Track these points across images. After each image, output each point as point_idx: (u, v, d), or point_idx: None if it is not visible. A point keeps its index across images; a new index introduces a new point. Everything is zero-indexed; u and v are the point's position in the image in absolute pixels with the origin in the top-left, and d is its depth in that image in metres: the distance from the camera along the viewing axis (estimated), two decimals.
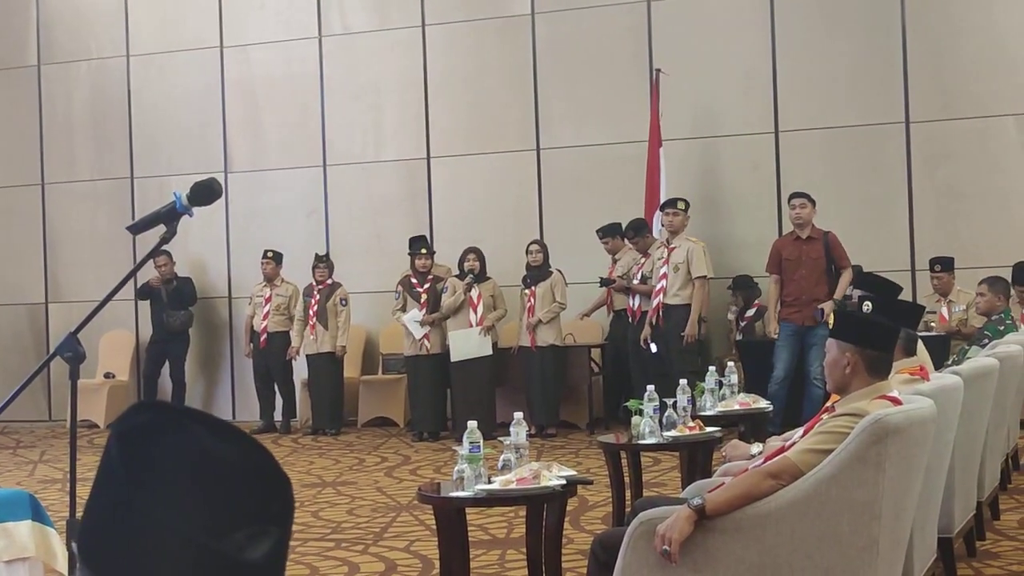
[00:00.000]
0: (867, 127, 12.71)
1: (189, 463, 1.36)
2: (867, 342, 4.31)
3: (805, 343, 11.17)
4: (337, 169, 14.66)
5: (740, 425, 8.78)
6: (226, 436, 1.38)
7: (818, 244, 11.31)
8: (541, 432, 12.24)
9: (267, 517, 1.37)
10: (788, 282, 11.35)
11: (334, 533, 8.14)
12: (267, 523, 1.36)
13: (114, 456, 1.36)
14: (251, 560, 1.34)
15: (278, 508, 1.38)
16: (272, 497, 1.39)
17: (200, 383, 15.02)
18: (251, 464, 1.38)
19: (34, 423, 15.16)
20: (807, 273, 11.26)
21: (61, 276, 15.72)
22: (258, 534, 1.35)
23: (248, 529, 1.35)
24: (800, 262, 11.30)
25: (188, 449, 1.36)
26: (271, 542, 1.36)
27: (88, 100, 15.71)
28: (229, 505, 1.35)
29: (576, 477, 5.71)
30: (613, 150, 13.43)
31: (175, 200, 3.63)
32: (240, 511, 1.35)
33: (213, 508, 1.34)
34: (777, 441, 5.15)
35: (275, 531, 1.37)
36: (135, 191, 15.36)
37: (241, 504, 1.36)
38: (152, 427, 1.38)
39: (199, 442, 1.37)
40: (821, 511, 3.96)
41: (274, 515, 1.38)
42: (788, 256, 11.38)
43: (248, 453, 1.38)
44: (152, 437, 1.37)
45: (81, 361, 3.57)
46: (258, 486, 1.38)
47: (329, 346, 13.31)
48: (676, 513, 4.05)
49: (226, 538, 1.33)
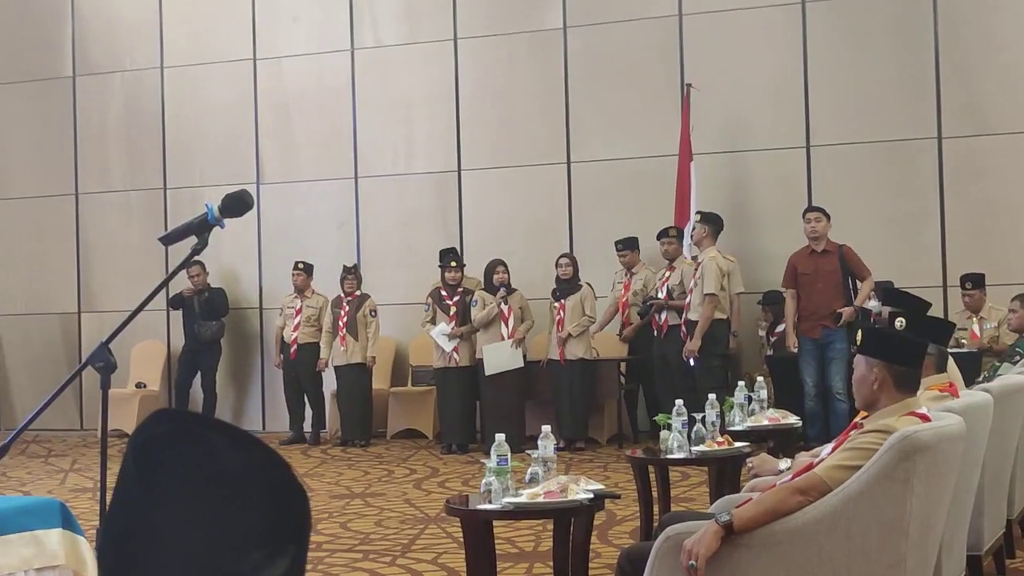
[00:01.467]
0: (899, 142, 12.67)
1: (205, 477, 1.34)
2: (895, 358, 4.29)
3: (825, 357, 11.15)
4: (368, 181, 14.70)
5: (769, 441, 8.74)
6: (245, 448, 1.37)
7: (833, 257, 11.30)
8: (569, 446, 12.23)
9: (284, 534, 1.35)
10: (805, 296, 11.35)
11: (362, 545, 8.14)
12: (284, 541, 1.35)
13: (130, 469, 1.35)
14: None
15: (295, 525, 1.37)
16: (290, 514, 1.37)
17: (231, 393, 15.07)
18: (270, 480, 1.37)
19: (65, 432, 15.23)
20: (824, 287, 11.25)
21: (94, 286, 15.80)
22: (275, 553, 1.33)
23: (265, 548, 1.33)
24: (816, 276, 11.29)
25: (205, 463, 1.35)
26: (287, 561, 1.34)
27: (122, 111, 15.81)
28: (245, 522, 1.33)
29: (604, 491, 5.70)
30: (643, 164, 13.42)
31: (207, 212, 3.64)
32: (257, 529, 1.34)
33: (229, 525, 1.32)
34: (805, 457, 5.13)
35: (292, 549, 1.35)
36: (168, 202, 15.43)
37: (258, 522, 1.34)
38: (170, 438, 1.37)
39: (217, 455, 1.36)
40: (849, 528, 3.94)
41: (291, 532, 1.36)
42: (804, 270, 11.38)
43: (266, 467, 1.37)
44: (169, 449, 1.36)
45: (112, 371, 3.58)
46: (275, 502, 1.36)
47: (359, 357, 13.33)
48: (703, 528, 4.04)
49: (242, 557, 1.32)
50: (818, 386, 11.19)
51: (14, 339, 16.16)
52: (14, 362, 16.16)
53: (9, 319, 16.18)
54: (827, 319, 11.18)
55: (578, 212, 13.81)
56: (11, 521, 4.60)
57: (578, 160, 13.83)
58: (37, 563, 4.64)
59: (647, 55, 13.60)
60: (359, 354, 13.34)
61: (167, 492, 1.33)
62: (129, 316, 3.72)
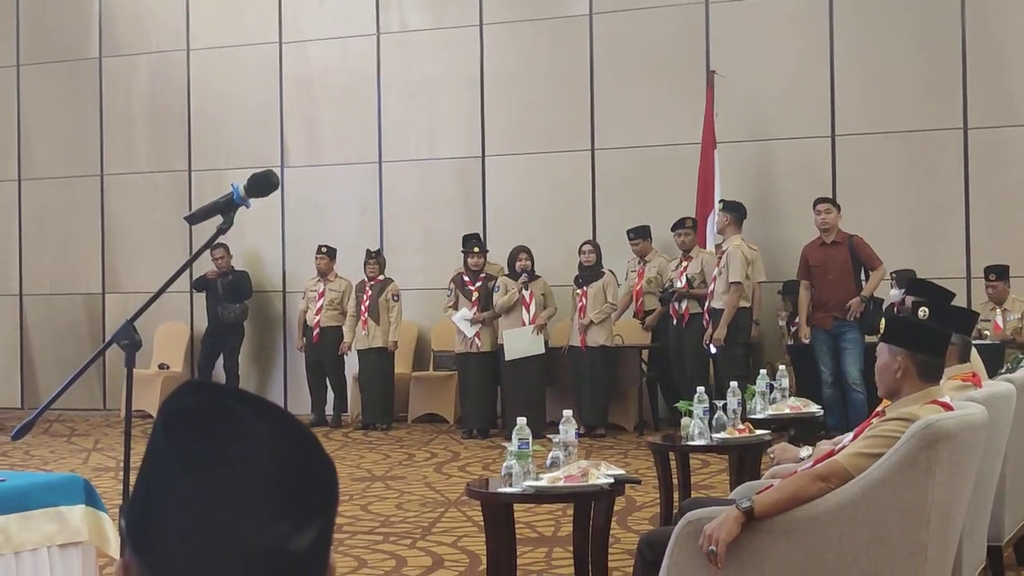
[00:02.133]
0: (924, 132, 12.62)
1: (235, 449, 1.35)
2: (918, 346, 4.28)
3: (839, 348, 11.17)
4: (392, 166, 14.71)
5: (790, 429, 8.74)
6: (273, 420, 1.38)
7: (843, 248, 11.28)
8: (590, 432, 12.23)
9: (312, 506, 1.36)
10: (817, 288, 11.37)
11: (382, 527, 8.17)
12: (312, 512, 1.35)
13: (160, 440, 1.36)
14: (296, 550, 1.34)
15: (322, 496, 1.37)
16: (317, 485, 1.37)
17: (253, 376, 15.11)
18: (297, 450, 1.37)
19: (88, 412, 15.30)
20: (834, 278, 11.25)
21: (118, 267, 15.86)
22: (303, 524, 1.34)
23: (293, 519, 1.34)
24: (827, 267, 11.29)
25: (234, 434, 1.36)
26: (315, 531, 1.35)
27: (148, 93, 15.85)
28: (274, 493, 1.34)
29: (624, 476, 5.70)
30: (667, 151, 13.39)
31: (232, 191, 3.65)
32: (285, 500, 1.34)
33: (258, 496, 1.33)
34: (827, 444, 5.12)
35: (319, 520, 1.36)
36: (192, 184, 15.47)
37: (286, 492, 1.35)
38: (199, 410, 1.37)
39: (246, 427, 1.36)
40: (870, 515, 3.94)
41: (319, 504, 1.37)
42: (815, 262, 11.39)
43: (294, 438, 1.38)
44: (198, 421, 1.37)
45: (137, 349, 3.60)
46: (303, 474, 1.37)
47: (381, 341, 13.35)
48: (724, 514, 4.04)
49: (271, 528, 1.32)
50: (835, 375, 11.21)
51: (39, 319, 16.23)
52: (39, 342, 16.24)
53: (34, 299, 16.26)
54: (838, 310, 11.18)
55: (601, 199, 13.80)
56: (35, 497, 4.63)
57: (602, 147, 13.81)
58: (60, 539, 4.66)
59: (672, 42, 13.57)
60: (380, 338, 13.36)
61: (195, 462, 1.34)
62: (155, 294, 3.73)
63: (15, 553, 4.51)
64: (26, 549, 4.54)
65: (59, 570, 4.65)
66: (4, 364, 15.38)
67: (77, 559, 4.77)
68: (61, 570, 4.67)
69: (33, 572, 4.56)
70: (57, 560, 4.66)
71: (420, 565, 7.03)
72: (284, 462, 1.36)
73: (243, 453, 1.35)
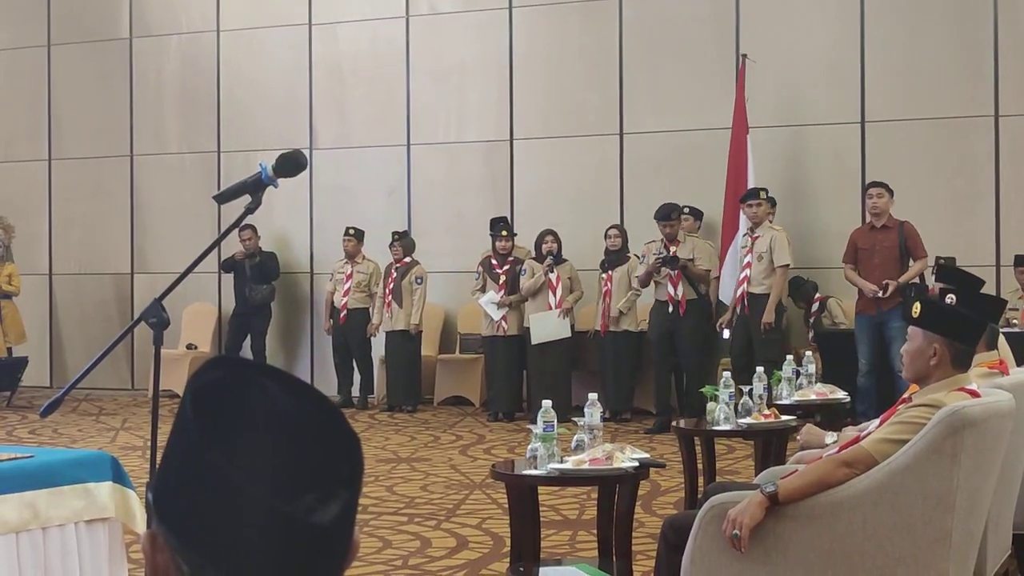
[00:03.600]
0: (955, 119, 12.55)
1: (262, 422, 1.37)
2: (956, 335, 4.27)
3: (885, 335, 11.02)
4: (420, 148, 14.72)
5: (816, 415, 8.72)
6: (299, 393, 1.39)
7: (893, 233, 11.17)
8: (615, 417, 12.24)
9: (337, 479, 1.37)
10: (862, 271, 11.24)
11: (407, 508, 8.20)
12: (336, 485, 1.37)
13: (188, 412, 1.37)
14: (320, 523, 1.35)
15: (348, 470, 1.39)
16: (342, 459, 1.39)
17: (280, 357, 15.15)
18: (322, 424, 1.39)
19: (116, 391, 15.39)
20: (880, 262, 11.12)
21: (147, 247, 15.93)
22: (327, 497, 1.35)
23: (318, 492, 1.35)
24: (873, 251, 11.17)
25: (261, 407, 1.37)
26: (340, 505, 1.36)
27: (178, 74, 15.89)
28: (300, 466, 1.35)
29: (649, 460, 5.71)
30: (696, 136, 13.36)
31: (261, 171, 3.67)
32: (310, 472, 1.36)
33: (284, 468, 1.35)
34: (852, 431, 5.12)
35: (344, 494, 1.37)
36: (221, 165, 15.51)
37: (311, 465, 1.36)
38: (226, 383, 1.39)
39: (272, 400, 1.38)
40: (894, 501, 3.93)
41: (344, 477, 1.38)
42: (863, 246, 11.28)
43: (320, 412, 1.39)
44: (226, 394, 1.38)
45: (165, 327, 3.63)
46: (329, 447, 1.38)
47: (403, 324, 13.38)
48: (748, 498, 4.05)
49: (296, 500, 1.33)
50: (873, 364, 11.06)
51: (68, 299, 16.32)
52: (68, 322, 16.33)
53: (63, 279, 16.34)
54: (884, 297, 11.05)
55: (629, 184, 13.77)
56: (64, 473, 4.66)
57: (631, 131, 13.78)
58: (87, 515, 4.70)
59: (702, 26, 13.52)
60: (402, 321, 13.38)
61: (223, 435, 1.36)
62: (183, 273, 3.76)
63: (43, 528, 4.54)
64: (53, 524, 4.57)
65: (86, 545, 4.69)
66: (34, 344, 15.46)
67: (104, 535, 4.80)
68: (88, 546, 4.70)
69: (60, 547, 4.59)
70: (84, 536, 4.69)
71: (444, 547, 7.06)
72: (310, 435, 1.37)
73: (269, 425, 1.37)
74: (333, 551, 1.38)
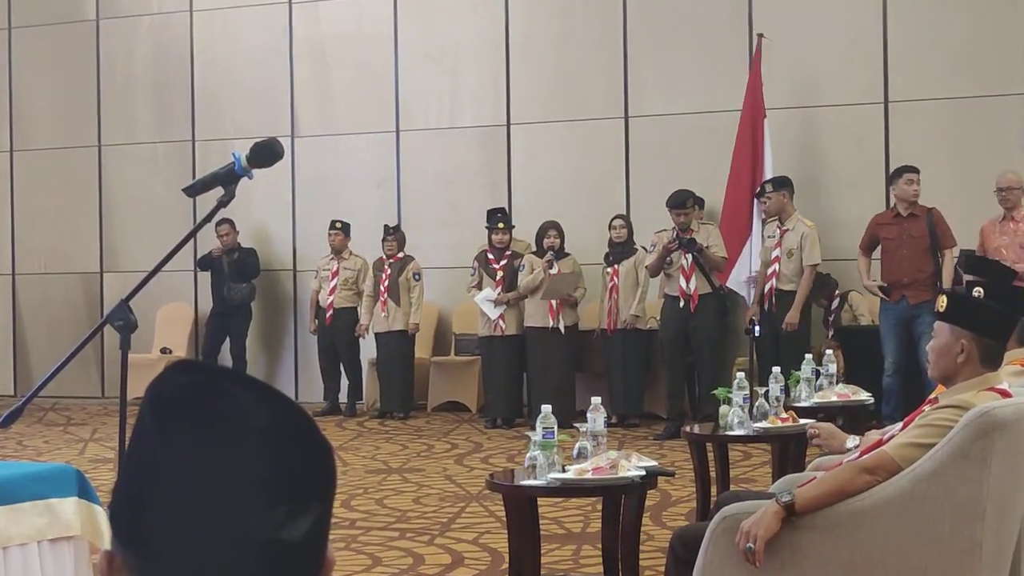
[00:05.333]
0: (983, 99, 12.54)
1: (226, 431, 1.36)
2: (986, 330, 4.26)
3: (914, 331, 10.98)
4: (410, 135, 14.72)
5: (838, 418, 8.70)
6: (267, 400, 1.39)
7: (921, 222, 11.13)
8: (623, 422, 12.24)
9: (308, 492, 1.37)
10: (887, 263, 11.20)
11: (399, 523, 8.20)
12: (308, 498, 1.36)
13: (147, 422, 1.37)
14: (291, 539, 1.35)
15: (319, 482, 1.38)
16: (314, 470, 1.38)
17: (262, 360, 15.16)
18: (293, 432, 1.38)
19: (85, 400, 15.38)
20: (909, 253, 11.08)
21: (117, 244, 15.92)
22: (299, 511, 1.35)
23: (288, 505, 1.35)
24: (901, 241, 11.13)
25: (226, 416, 1.37)
26: (312, 519, 1.36)
27: (149, 58, 15.88)
28: (269, 478, 1.35)
29: (657, 468, 5.71)
30: (707, 119, 13.34)
31: (234, 161, 3.67)
32: (280, 485, 1.35)
33: (252, 481, 1.34)
34: (875, 434, 5.11)
35: (316, 507, 1.37)
36: (196, 155, 15.51)
37: (281, 477, 1.36)
38: (188, 391, 1.39)
39: (238, 407, 1.37)
40: (920, 510, 3.93)
41: (315, 489, 1.38)
42: (888, 235, 11.22)
43: (290, 420, 1.39)
44: (188, 402, 1.38)
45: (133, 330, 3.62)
46: (300, 457, 1.38)
47: (401, 324, 13.37)
48: (763, 508, 4.05)
49: (265, 514, 1.33)
50: (899, 363, 11.03)
51: (33, 300, 16.31)
52: (33, 325, 16.32)
53: (28, 279, 16.34)
54: (911, 289, 11.02)
55: (636, 171, 13.77)
56: (24, 488, 4.66)
57: (636, 115, 13.77)
58: (51, 533, 4.69)
59: (713, 2, 13.51)
60: (401, 320, 13.38)
61: (186, 446, 1.35)
62: (152, 271, 3.76)
63: (2, 548, 4.54)
64: (14, 544, 4.57)
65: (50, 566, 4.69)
66: None
67: (69, 554, 4.79)
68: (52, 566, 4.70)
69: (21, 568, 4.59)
70: (48, 555, 4.69)
71: (438, 563, 7.06)
72: (278, 445, 1.37)
73: (235, 435, 1.36)
74: (305, 568, 1.37)
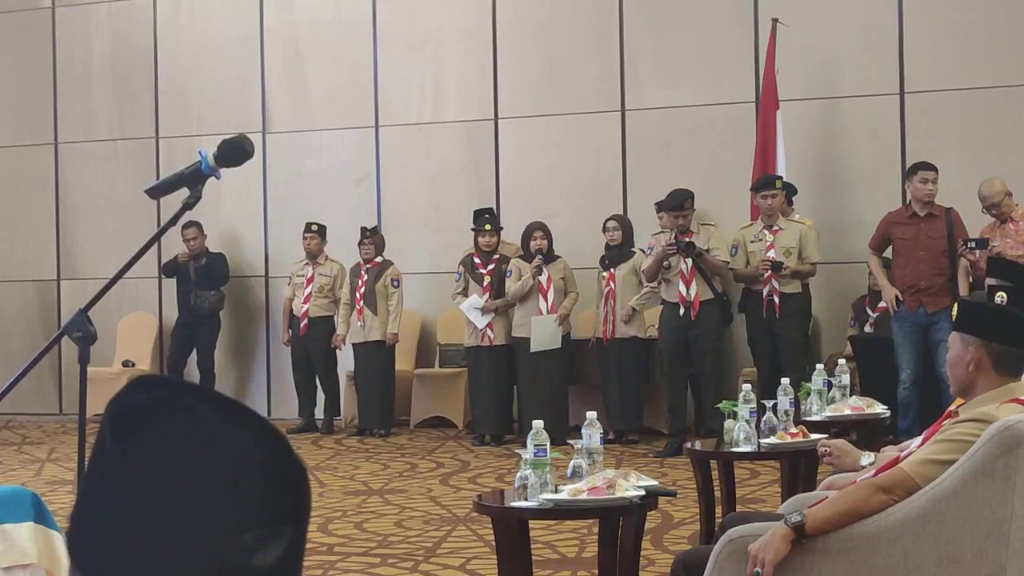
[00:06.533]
0: (1006, 89, 12.56)
1: (193, 452, 1.36)
2: (995, 335, 4.27)
3: (930, 339, 11.00)
4: (391, 131, 14.71)
5: (852, 433, 8.72)
6: (236, 419, 1.39)
7: (940, 223, 11.12)
8: (621, 438, 12.24)
9: (280, 516, 1.37)
10: (904, 267, 11.20)
11: (380, 548, 8.20)
12: (279, 523, 1.37)
13: (107, 442, 1.37)
14: (262, 566, 1.35)
15: (292, 505, 1.39)
16: (286, 492, 1.39)
17: (232, 374, 15.15)
18: (263, 453, 1.39)
19: (42, 417, 15.36)
20: (926, 256, 11.09)
21: (75, 249, 15.90)
22: (269, 536, 1.36)
23: (258, 530, 1.35)
24: (917, 243, 11.14)
25: (192, 435, 1.37)
26: (284, 545, 1.36)
27: (108, 48, 15.86)
28: (237, 501, 1.35)
29: (657, 488, 5.72)
30: (710, 112, 13.36)
31: (200, 160, 3.67)
32: (249, 508, 1.36)
33: (219, 505, 1.35)
34: (892, 450, 5.13)
35: (288, 532, 1.37)
36: (160, 153, 15.50)
37: (251, 500, 1.36)
38: (152, 409, 1.39)
39: (205, 427, 1.38)
40: (940, 532, 3.94)
41: (288, 513, 1.38)
42: (903, 235, 11.22)
43: (260, 440, 1.39)
44: (151, 420, 1.38)
45: (92, 342, 3.62)
46: (270, 479, 1.38)
47: (379, 333, 13.36)
48: (771, 531, 4.05)
49: (233, 540, 1.33)
50: (916, 373, 11.04)
51: None
52: None
53: None
54: (929, 295, 11.02)
55: (633, 167, 13.77)
56: None
57: (634, 108, 13.78)
58: (5, 561, 4.69)
59: None
60: (378, 330, 13.37)
61: (149, 468, 1.35)
62: (112, 279, 3.75)
63: None
64: None
65: None
66: None
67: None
68: None
69: None
70: None
71: None
72: (248, 466, 1.37)
73: (202, 456, 1.36)
74: None
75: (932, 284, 11.03)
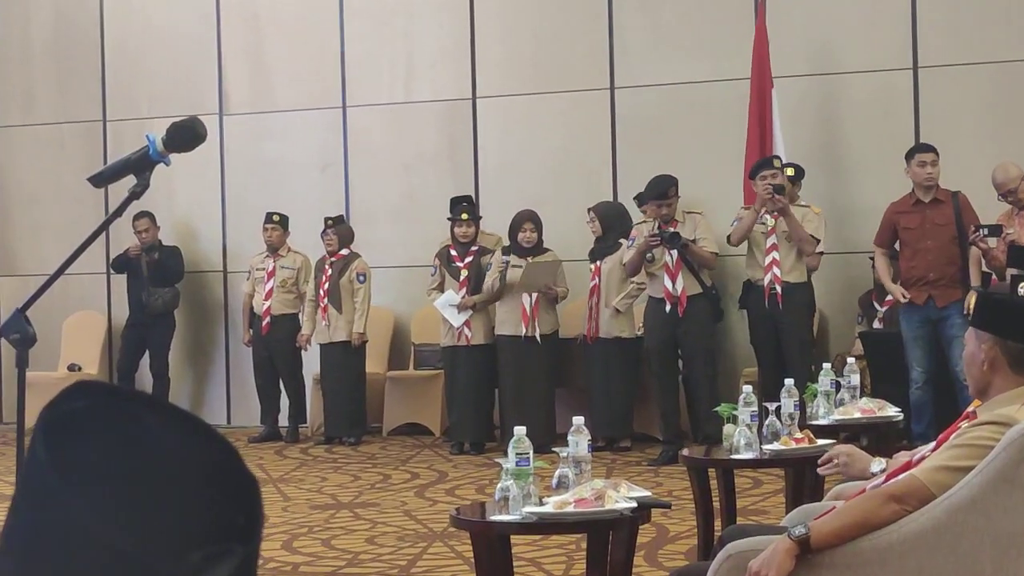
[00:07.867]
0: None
1: (134, 463, 1.36)
2: (1010, 332, 4.28)
3: (943, 335, 11.02)
4: (359, 112, 14.71)
5: (862, 437, 8.74)
6: (182, 428, 1.39)
7: (947, 209, 11.14)
8: (611, 445, 12.24)
9: (229, 533, 1.37)
10: (910, 257, 11.20)
11: (350, 566, 8.20)
12: (229, 540, 1.36)
13: (40, 453, 1.37)
14: None
15: (243, 521, 1.38)
16: (236, 508, 1.38)
17: (188, 378, 15.13)
18: (211, 465, 1.38)
19: None
20: (934, 245, 11.10)
21: (15, 243, 15.87)
22: (219, 555, 1.35)
23: (207, 549, 1.35)
24: (923, 231, 11.15)
25: (134, 446, 1.37)
26: (234, 564, 1.36)
27: (51, 25, 15.83)
28: (183, 518, 1.35)
29: (650, 499, 5.72)
30: (705, 90, 13.37)
31: (148, 145, 3.67)
32: (196, 525, 1.35)
33: (163, 521, 1.34)
34: (905, 456, 5.13)
35: (239, 550, 1.37)
36: (108, 138, 15.47)
37: (198, 516, 1.36)
38: (89, 416, 1.38)
39: (148, 437, 1.37)
40: (956, 544, 3.95)
41: (238, 530, 1.38)
42: (908, 224, 11.24)
43: (208, 450, 1.39)
44: (88, 429, 1.37)
45: (31, 344, 3.61)
46: (219, 493, 1.38)
47: (344, 333, 13.35)
48: (773, 545, 4.06)
49: (178, 560, 1.33)
50: (928, 371, 11.07)
51: None
52: None
53: None
54: (938, 287, 11.04)
55: (624, 149, 13.78)
56: None
57: (624, 85, 13.79)
58: None
59: None
60: (343, 330, 13.35)
61: (86, 482, 1.35)
62: (54, 274, 3.75)
63: None
64: None
65: None
66: None
67: None
68: None
69: None
70: None
71: None
72: (194, 479, 1.37)
73: (144, 468, 1.36)
74: None
75: (942, 275, 11.03)
